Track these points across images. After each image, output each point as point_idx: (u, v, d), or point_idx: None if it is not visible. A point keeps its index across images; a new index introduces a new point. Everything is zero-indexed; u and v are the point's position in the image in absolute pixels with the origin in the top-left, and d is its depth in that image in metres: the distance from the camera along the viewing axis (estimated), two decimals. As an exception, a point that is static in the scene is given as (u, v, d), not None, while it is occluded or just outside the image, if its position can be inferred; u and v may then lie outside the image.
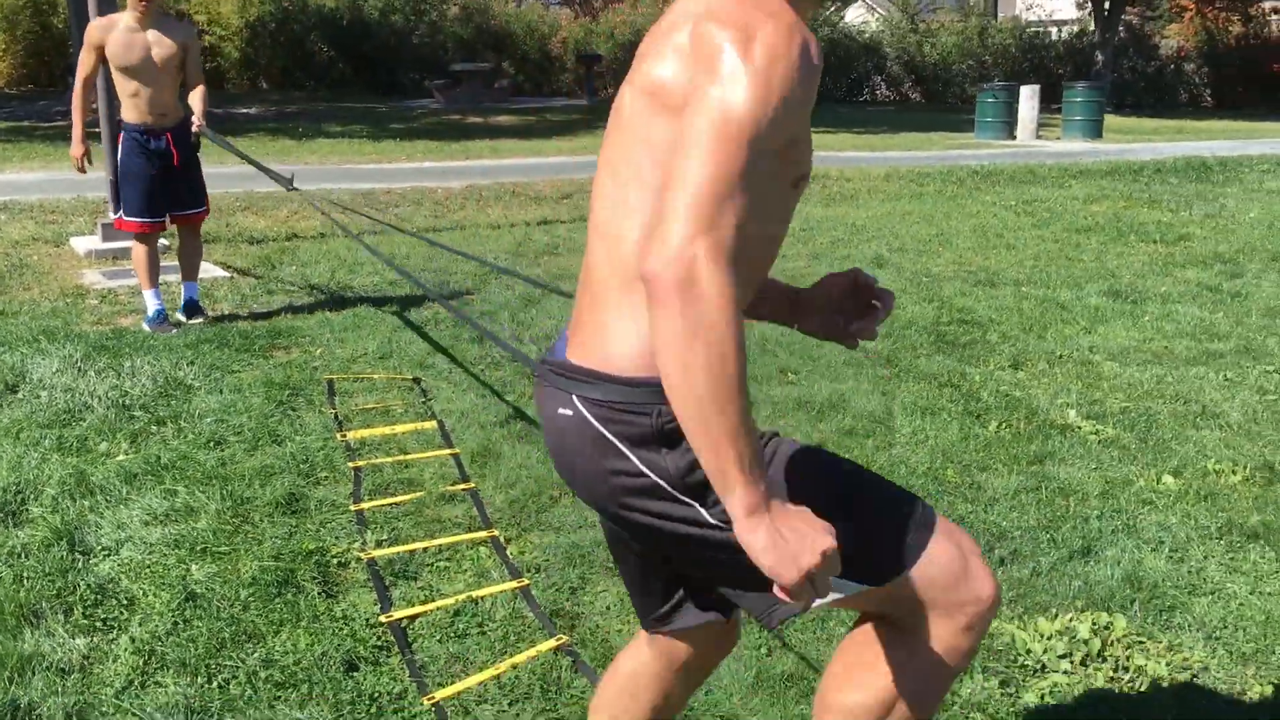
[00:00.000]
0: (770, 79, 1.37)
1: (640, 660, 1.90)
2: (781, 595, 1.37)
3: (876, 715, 1.65)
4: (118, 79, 5.79)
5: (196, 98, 5.95)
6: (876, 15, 34.41)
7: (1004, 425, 4.58)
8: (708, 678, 1.98)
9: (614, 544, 1.83)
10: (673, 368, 1.31)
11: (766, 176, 1.40)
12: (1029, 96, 19.73)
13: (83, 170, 6.01)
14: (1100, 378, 5.30)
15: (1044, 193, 12.18)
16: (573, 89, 30.26)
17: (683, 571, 1.71)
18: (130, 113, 5.80)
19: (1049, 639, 2.91)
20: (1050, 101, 23.23)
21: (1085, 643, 2.88)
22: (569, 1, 37.52)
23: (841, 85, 32.48)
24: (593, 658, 2.83)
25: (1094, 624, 2.97)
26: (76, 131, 5.85)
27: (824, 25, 32.08)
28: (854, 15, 35.35)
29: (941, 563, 1.61)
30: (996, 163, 14.72)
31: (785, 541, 1.34)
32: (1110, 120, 22.82)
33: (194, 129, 5.93)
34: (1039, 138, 19.79)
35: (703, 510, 1.54)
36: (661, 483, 1.53)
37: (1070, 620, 3.00)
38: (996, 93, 19.99)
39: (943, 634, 1.62)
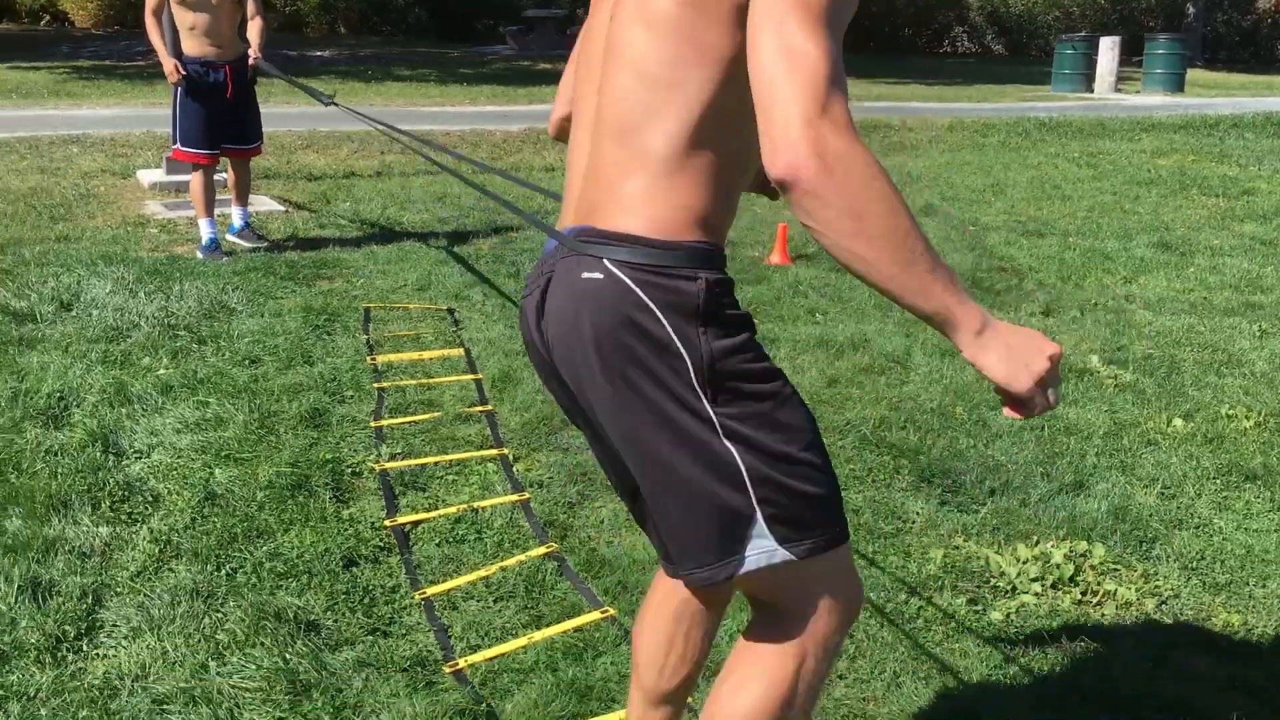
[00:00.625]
0: None
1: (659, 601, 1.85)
2: (1012, 413, 1.39)
3: (786, 706, 1.58)
4: (177, 12, 5.99)
5: (254, 31, 6.14)
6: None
7: (1022, 367, 4.60)
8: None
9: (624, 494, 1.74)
10: (856, 250, 1.29)
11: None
12: (1109, 48, 19.23)
13: (180, 80, 6.04)
14: (1130, 325, 5.28)
15: (1111, 145, 11.95)
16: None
17: (650, 474, 1.53)
18: (189, 46, 6.01)
19: (1024, 563, 2.99)
20: (1135, 54, 22.60)
21: (1058, 567, 2.95)
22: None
23: (921, 37, 31.90)
24: (578, 563, 2.96)
25: (1071, 551, 3.04)
26: (161, 56, 6.04)
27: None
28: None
29: (845, 552, 1.59)
30: (1066, 114, 14.43)
31: (1014, 351, 1.34)
32: (1196, 75, 22.19)
33: (250, 62, 6.12)
34: (1117, 90, 19.30)
35: (710, 408, 1.46)
36: (687, 359, 1.44)
37: (1049, 547, 3.07)
38: (1075, 44, 19.53)
39: (836, 619, 1.58)
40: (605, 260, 1.48)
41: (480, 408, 4.06)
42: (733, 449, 1.46)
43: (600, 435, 1.63)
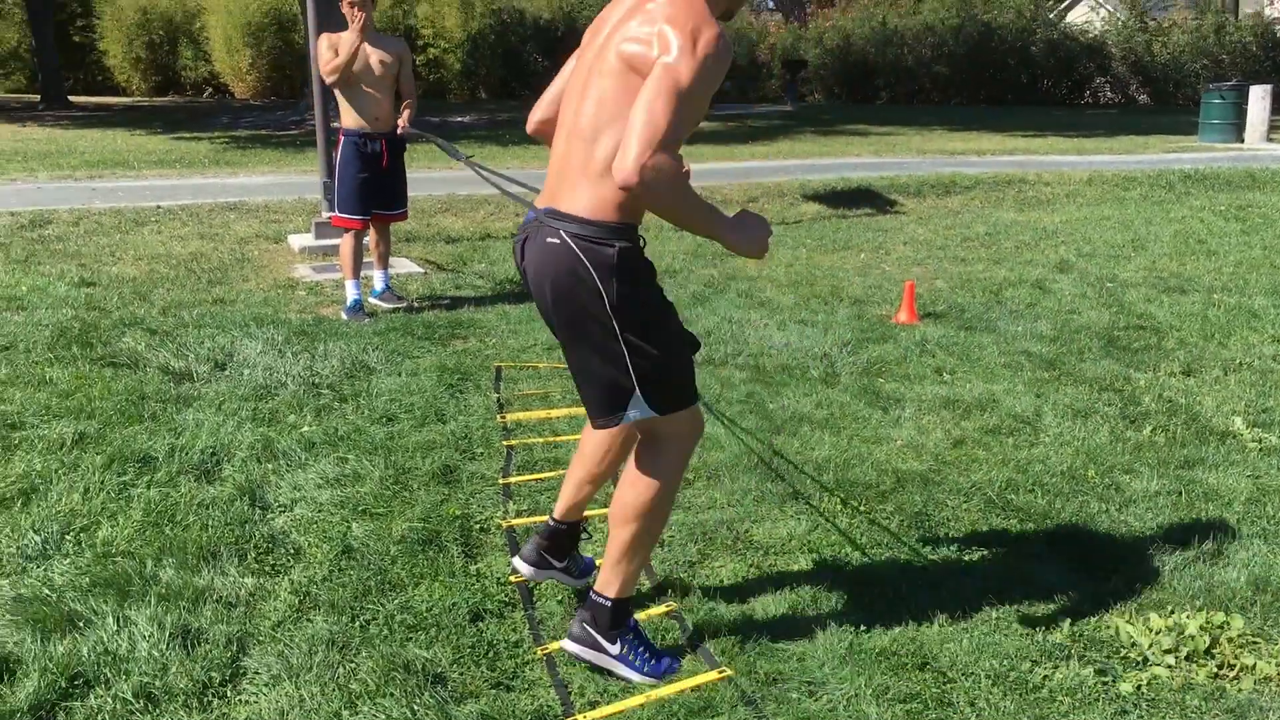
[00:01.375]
0: (705, 67, 2.34)
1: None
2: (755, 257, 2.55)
3: (655, 502, 2.66)
4: (342, 86, 6.33)
5: (405, 104, 6.48)
6: (1100, 14, 32.93)
7: (1159, 430, 4.48)
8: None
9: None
10: (668, 218, 2.40)
11: (694, 114, 2.38)
12: (1260, 97, 18.54)
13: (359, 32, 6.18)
14: (1278, 386, 5.07)
15: (1261, 198, 11.51)
16: (778, 94, 30.31)
17: (579, 363, 2.62)
18: (349, 118, 6.36)
19: (1156, 634, 2.90)
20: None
21: (1193, 639, 2.86)
22: (782, 8, 37.47)
23: (1061, 87, 31.31)
24: (696, 622, 2.99)
25: (1207, 622, 2.93)
26: (350, 46, 6.14)
27: (1042, 26, 31.01)
28: (1077, 15, 33.99)
29: (695, 405, 2.70)
30: (1214, 166, 13.96)
31: (754, 236, 2.51)
32: (1356, 121, 21.13)
33: (399, 130, 6.44)
34: (1270, 140, 18.58)
35: (616, 325, 2.50)
36: (604, 297, 2.47)
37: (1184, 618, 2.97)
38: (1224, 93, 18.90)
39: (686, 446, 2.71)
40: (561, 231, 2.48)
41: (605, 466, 4.14)
42: (625, 351, 2.52)
43: (555, 331, 2.63)
